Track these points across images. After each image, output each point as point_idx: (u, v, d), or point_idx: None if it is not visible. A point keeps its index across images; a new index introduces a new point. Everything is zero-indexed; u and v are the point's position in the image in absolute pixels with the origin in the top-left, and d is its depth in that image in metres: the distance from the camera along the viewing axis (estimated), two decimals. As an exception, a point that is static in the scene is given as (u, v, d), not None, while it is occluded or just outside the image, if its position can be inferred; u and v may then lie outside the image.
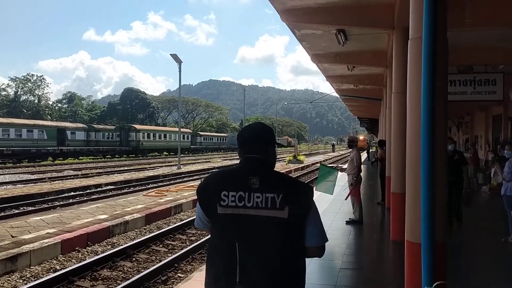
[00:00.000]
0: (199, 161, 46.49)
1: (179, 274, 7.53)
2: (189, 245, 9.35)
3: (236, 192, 2.02)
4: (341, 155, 66.74)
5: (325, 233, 2.12)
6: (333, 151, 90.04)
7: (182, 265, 8.06)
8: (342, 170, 10.39)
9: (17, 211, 13.57)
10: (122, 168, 33.15)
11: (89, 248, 8.92)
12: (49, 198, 16.22)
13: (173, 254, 8.62)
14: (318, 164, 42.55)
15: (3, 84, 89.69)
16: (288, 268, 2.02)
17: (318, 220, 2.09)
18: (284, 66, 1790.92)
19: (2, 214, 12.96)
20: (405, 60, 4.28)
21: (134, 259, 8.38)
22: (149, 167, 34.24)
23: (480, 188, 16.32)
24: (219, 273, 2.08)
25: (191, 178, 25.23)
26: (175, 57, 30.03)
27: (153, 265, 7.82)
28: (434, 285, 3.02)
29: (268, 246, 1.99)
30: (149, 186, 20.93)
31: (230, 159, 48.81)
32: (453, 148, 9.61)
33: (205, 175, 22.90)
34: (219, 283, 2.07)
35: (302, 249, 2.07)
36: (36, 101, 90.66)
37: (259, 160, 2.11)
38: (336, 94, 26.16)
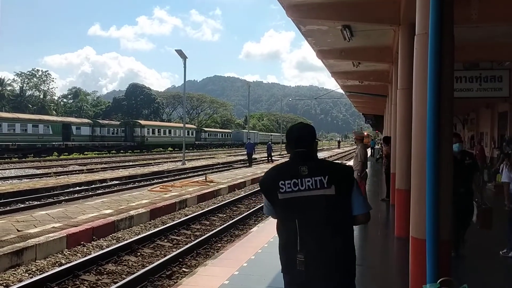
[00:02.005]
0: (204, 157, 46.57)
1: (183, 269, 7.57)
2: (193, 240, 9.39)
3: (291, 180, 2.50)
4: (346, 151, 66.67)
5: (368, 203, 2.63)
6: (339, 147, 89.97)
7: (186, 260, 8.10)
8: None
9: (22, 205, 13.66)
10: (127, 164, 33.24)
11: (94, 243, 8.97)
12: (55, 192, 16.31)
13: (178, 249, 8.67)
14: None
15: (9, 79, 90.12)
16: (339, 236, 2.50)
17: (360, 193, 2.57)
18: (289, 62, 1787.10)
19: (8, 208, 13.04)
20: (411, 56, 4.26)
21: (139, 253, 8.43)
22: (154, 163, 34.34)
23: (486, 185, 16.27)
24: (284, 244, 2.59)
25: (195, 174, 25.27)
26: (180, 52, 30.07)
27: (158, 259, 7.86)
28: (438, 281, 3.02)
29: (321, 218, 2.48)
30: (154, 182, 20.99)
31: (234, 155, 48.87)
32: (461, 149, 6.98)
33: (207, 171, 22.66)
34: (286, 250, 2.56)
35: (351, 219, 2.56)
36: (41, 96, 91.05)
37: (305, 153, 2.59)
38: (341, 91, 26.06)
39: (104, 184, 19.42)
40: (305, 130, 2.67)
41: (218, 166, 32.56)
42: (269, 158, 37.00)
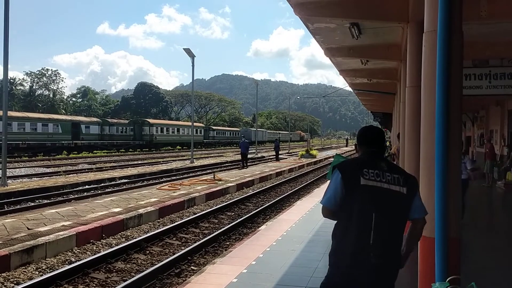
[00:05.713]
0: (212, 155, 46.64)
1: (192, 267, 7.60)
2: (202, 238, 9.41)
3: (374, 170, 2.71)
4: (354, 149, 66.42)
5: (425, 207, 2.84)
6: (347, 145, 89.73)
7: (195, 258, 8.13)
8: None
9: (32, 204, 13.77)
10: (135, 162, 33.40)
11: (104, 241, 9.03)
12: (64, 191, 16.44)
13: (186, 247, 8.70)
14: (331, 159, 42.42)
15: (19, 78, 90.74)
16: (402, 232, 2.75)
17: (420, 198, 2.85)
18: (298, 60, 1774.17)
19: (18, 206, 13.17)
20: (419, 53, 4.24)
21: (147, 251, 8.47)
22: (163, 161, 34.45)
23: (495, 183, 16.16)
24: (354, 234, 2.64)
25: (204, 172, 25.31)
26: (188, 51, 30.06)
27: (167, 257, 7.90)
28: (447, 279, 3.01)
29: (395, 212, 2.70)
30: (162, 180, 21.07)
31: (242, 153, 48.80)
32: None
33: (215, 169, 22.62)
34: (357, 240, 2.63)
35: (407, 219, 2.80)
36: (51, 95, 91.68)
37: (380, 152, 2.89)
38: (349, 89, 25.95)
39: (113, 183, 19.53)
40: (380, 132, 2.96)
41: (227, 164, 32.63)
42: (277, 157, 36.97)
